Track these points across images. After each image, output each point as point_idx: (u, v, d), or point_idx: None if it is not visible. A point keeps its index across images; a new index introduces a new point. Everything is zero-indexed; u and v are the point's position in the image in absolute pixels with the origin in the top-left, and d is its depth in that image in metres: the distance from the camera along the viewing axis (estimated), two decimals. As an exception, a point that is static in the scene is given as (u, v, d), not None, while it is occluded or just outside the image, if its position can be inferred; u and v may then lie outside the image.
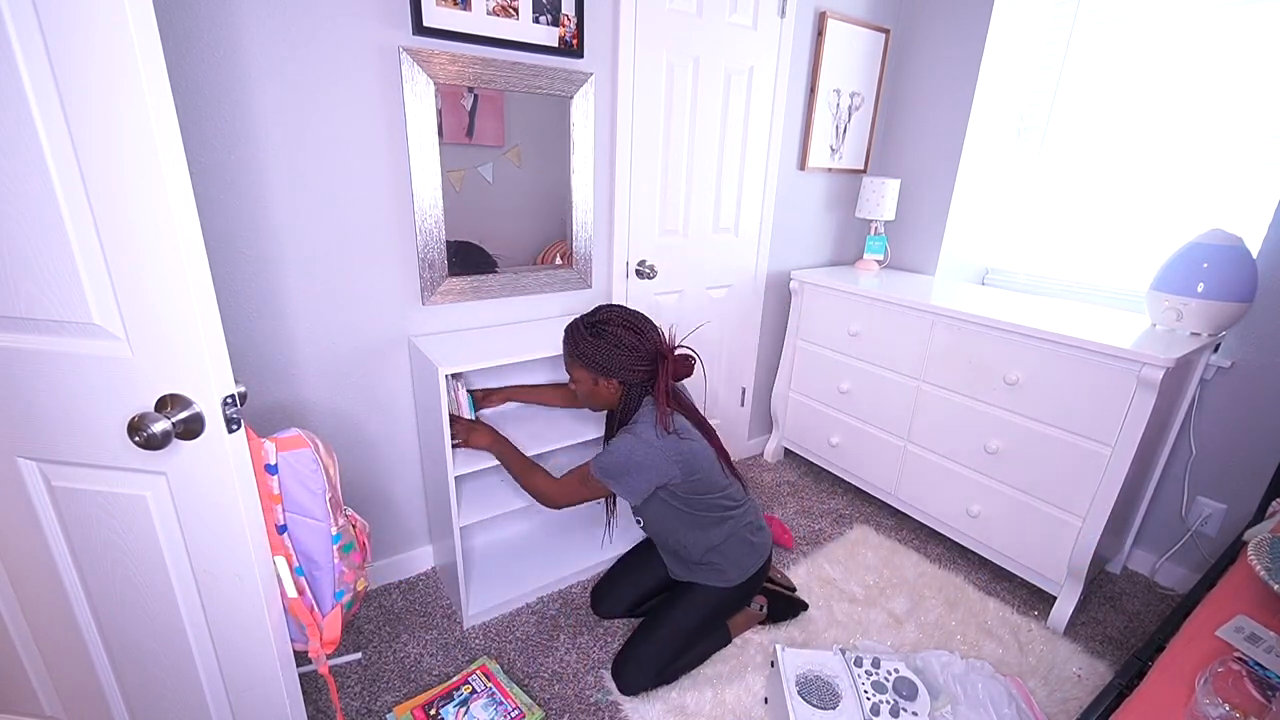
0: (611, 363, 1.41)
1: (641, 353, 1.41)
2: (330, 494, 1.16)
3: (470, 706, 1.45)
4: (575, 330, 1.45)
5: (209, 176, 1.35)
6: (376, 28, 1.45)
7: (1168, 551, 2.05)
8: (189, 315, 0.86)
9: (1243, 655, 1.02)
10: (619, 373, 1.42)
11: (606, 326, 1.42)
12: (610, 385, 1.46)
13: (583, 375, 1.47)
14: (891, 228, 2.68)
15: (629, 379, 1.43)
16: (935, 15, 2.39)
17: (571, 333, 1.45)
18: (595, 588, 1.82)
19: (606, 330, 1.41)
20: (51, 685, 1.20)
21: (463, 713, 1.44)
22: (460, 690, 1.50)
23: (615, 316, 1.43)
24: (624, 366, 1.41)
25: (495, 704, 1.46)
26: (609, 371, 1.42)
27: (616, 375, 1.42)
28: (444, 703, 1.47)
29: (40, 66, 0.75)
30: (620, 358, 1.40)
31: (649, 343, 1.42)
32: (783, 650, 1.48)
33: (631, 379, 1.43)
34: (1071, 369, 1.72)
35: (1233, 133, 1.91)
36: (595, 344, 1.41)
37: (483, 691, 1.49)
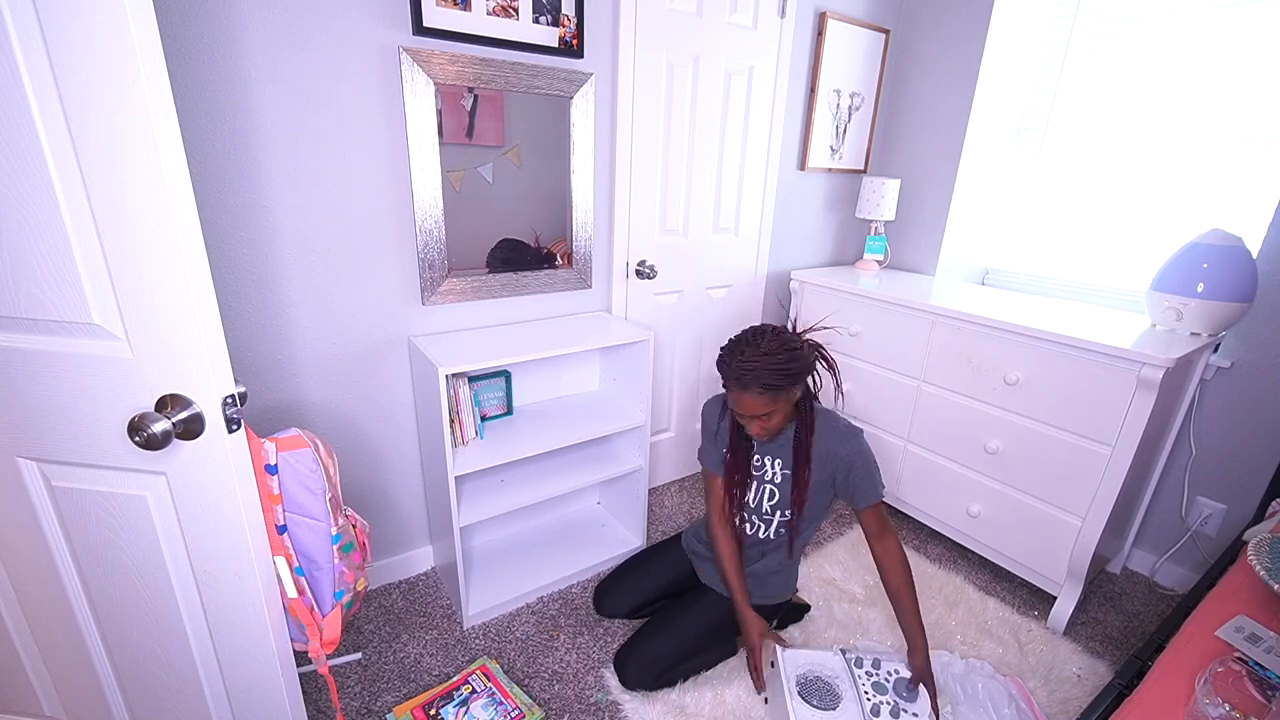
0: (798, 368, 1.32)
1: (804, 348, 1.35)
2: (330, 494, 1.16)
3: (470, 706, 1.45)
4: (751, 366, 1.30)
5: (209, 176, 1.35)
6: (376, 28, 1.46)
7: (1168, 551, 2.05)
8: (189, 315, 0.86)
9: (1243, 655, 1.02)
10: (800, 377, 1.33)
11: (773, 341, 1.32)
12: (797, 393, 1.37)
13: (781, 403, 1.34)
14: (891, 228, 2.68)
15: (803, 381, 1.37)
16: (935, 15, 2.39)
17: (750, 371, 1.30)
18: (599, 586, 1.82)
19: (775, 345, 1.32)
20: (51, 685, 1.20)
21: (462, 713, 1.44)
22: (460, 690, 1.50)
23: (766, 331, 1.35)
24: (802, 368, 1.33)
25: (495, 704, 1.46)
26: (798, 379, 1.33)
27: (800, 381, 1.34)
28: (444, 703, 1.47)
29: (40, 66, 0.75)
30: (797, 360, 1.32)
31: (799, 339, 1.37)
32: (782, 651, 1.48)
33: (811, 370, 1.38)
34: (1071, 369, 1.72)
35: (1233, 133, 1.91)
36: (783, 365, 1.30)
37: (483, 691, 1.49)
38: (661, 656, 1.54)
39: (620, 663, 1.56)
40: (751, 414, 1.35)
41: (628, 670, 1.54)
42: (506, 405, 1.92)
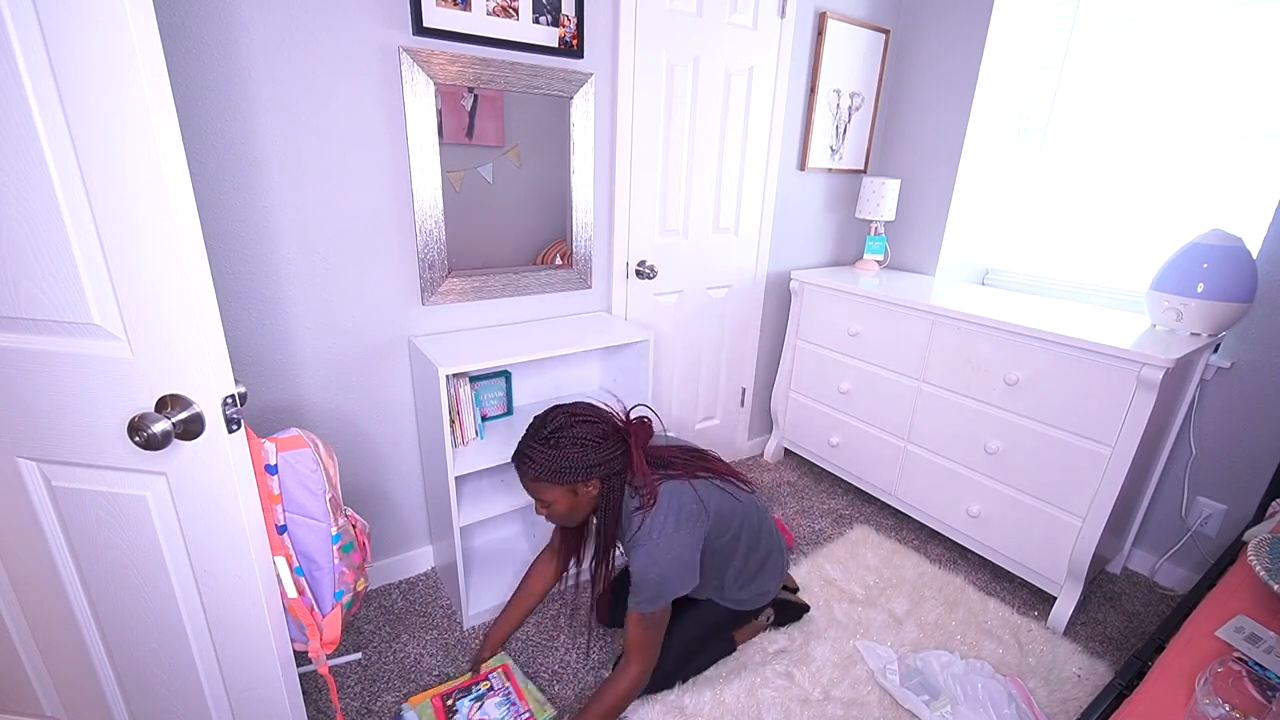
0: (583, 463, 1.26)
1: (606, 437, 1.29)
2: (330, 494, 1.16)
3: (485, 703, 1.46)
4: (528, 451, 1.28)
5: (209, 176, 1.35)
6: (377, 28, 1.46)
7: (1168, 551, 2.05)
8: (189, 315, 0.86)
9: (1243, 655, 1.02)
10: (596, 469, 1.27)
11: (559, 432, 1.27)
12: (590, 488, 1.31)
13: (557, 494, 1.29)
14: (891, 228, 2.68)
15: (609, 470, 1.29)
16: (935, 15, 2.39)
17: (526, 456, 1.28)
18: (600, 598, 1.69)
19: (561, 435, 1.27)
20: (51, 685, 1.20)
21: (477, 708, 1.45)
22: (479, 686, 1.51)
23: (560, 417, 1.29)
24: (597, 461, 1.27)
25: (509, 704, 1.47)
26: (585, 474, 1.27)
27: (595, 473, 1.27)
28: (461, 695, 1.48)
29: (40, 66, 0.75)
30: (589, 454, 1.26)
31: (606, 424, 1.30)
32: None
33: (611, 469, 1.29)
34: (1071, 369, 1.72)
35: (1233, 133, 1.91)
36: (558, 454, 1.25)
37: (500, 689, 1.50)
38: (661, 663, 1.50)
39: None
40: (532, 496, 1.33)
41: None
42: (507, 405, 1.92)
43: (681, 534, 1.32)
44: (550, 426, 1.28)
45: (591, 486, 1.30)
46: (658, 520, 1.30)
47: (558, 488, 1.28)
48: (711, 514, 1.38)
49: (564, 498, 1.30)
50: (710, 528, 1.38)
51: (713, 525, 1.39)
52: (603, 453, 1.27)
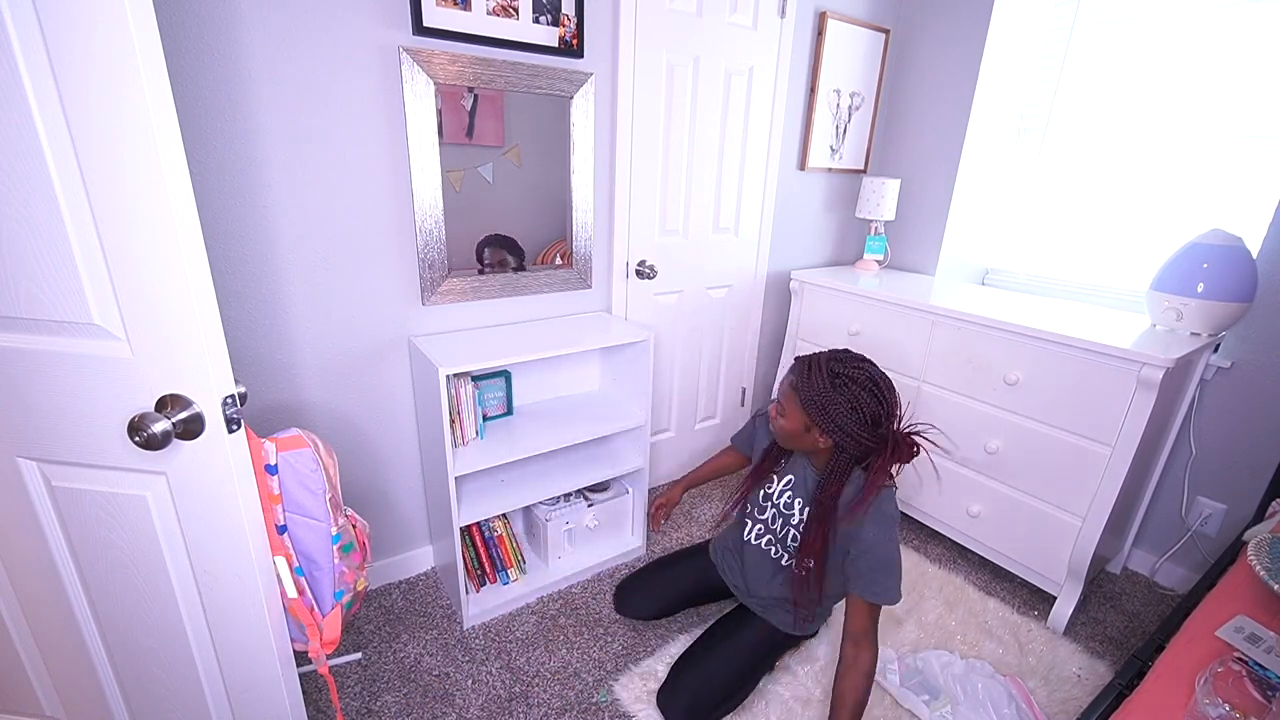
0: (837, 422, 1.23)
1: (874, 424, 1.23)
2: (330, 494, 1.16)
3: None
4: (814, 366, 1.27)
5: (209, 176, 1.35)
6: (377, 27, 1.45)
7: (1168, 551, 2.05)
8: (189, 315, 0.86)
9: (1243, 655, 1.02)
10: (839, 435, 1.24)
11: (849, 383, 1.23)
12: (822, 439, 1.29)
13: (797, 416, 1.29)
14: (891, 228, 2.68)
15: (847, 447, 1.26)
16: (935, 15, 2.39)
17: (808, 368, 1.27)
18: (622, 585, 1.78)
19: (848, 386, 1.23)
20: (51, 685, 1.20)
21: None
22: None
23: (862, 374, 1.25)
24: (849, 432, 1.23)
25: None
26: (829, 428, 1.25)
27: (835, 436, 1.25)
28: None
29: (40, 66, 0.75)
30: (850, 421, 1.23)
31: (886, 414, 1.24)
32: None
33: (850, 448, 1.26)
34: (1071, 369, 1.72)
35: (1233, 133, 1.91)
36: (829, 394, 1.23)
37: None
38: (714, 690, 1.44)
39: (667, 703, 1.44)
40: (777, 395, 1.37)
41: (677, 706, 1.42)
42: (507, 405, 1.92)
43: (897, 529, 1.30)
44: (848, 370, 1.25)
45: (823, 438, 1.29)
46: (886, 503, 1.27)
47: (800, 413, 1.29)
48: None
49: (798, 422, 1.31)
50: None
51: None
52: (857, 430, 1.24)
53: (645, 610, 1.74)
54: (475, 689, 1.57)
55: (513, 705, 1.53)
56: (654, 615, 1.76)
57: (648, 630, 1.78)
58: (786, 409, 1.33)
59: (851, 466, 1.31)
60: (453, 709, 1.51)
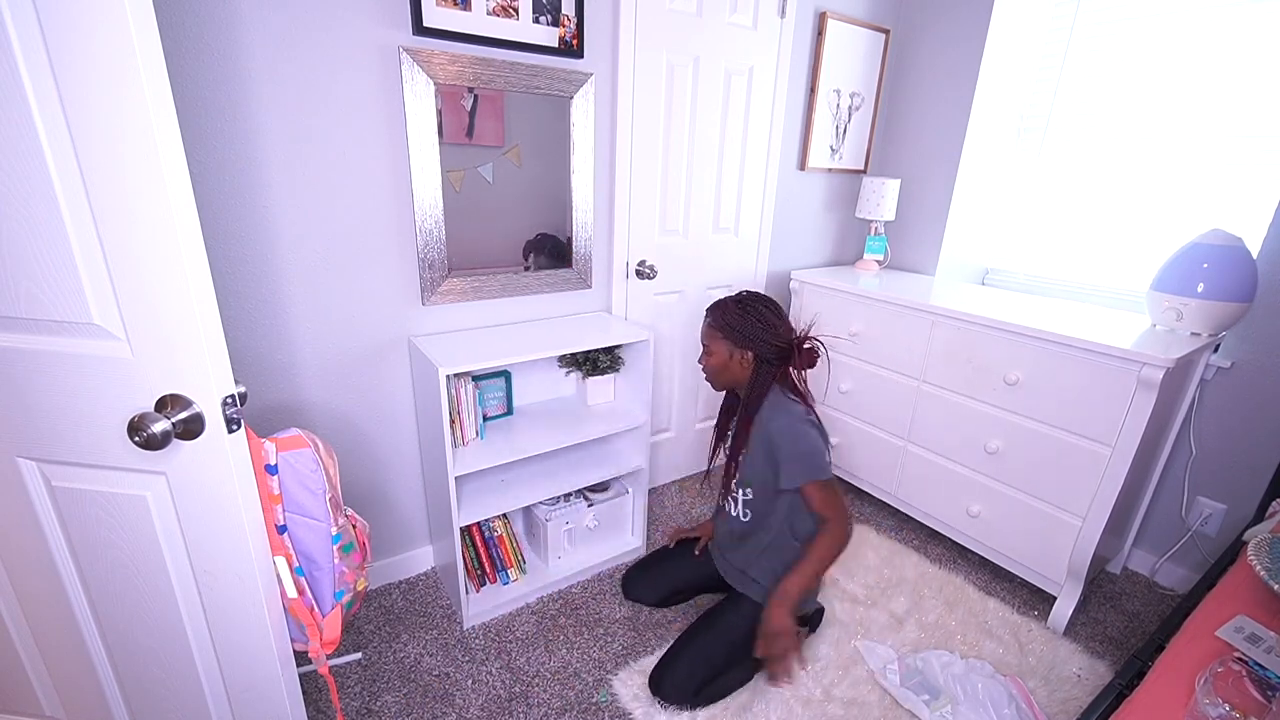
0: (752, 335, 1.49)
1: (780, 331, 1.50)
2: (330, 494, 1.16)
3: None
4: (723, 304, 1.55)
5: (209, 176, 1.35)
6: (377, 28, 1.45)
7: (1168, 551, 2.05)
8: (189, 315, 0.86)
9: (1243, 655, 1.02)
10: (757, 345, 1.49)
11: (754, 304, 1.52)
12: (744, 360, 1.53)
13: (720, 347, 1.55)
14: (891, 228, 2.68)
15: (764, 353, 1.50)
16: (935, 15, 2.39)
17: (719, 306, 1.56)
18: (629, 572, 1.86)
19: (752, 306, 1.51)
20: (51, 685, 1.20)
21: None
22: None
23: (760, 297, 1.54)
24: (763, 341, 1.49)
25: None
26: (748, 343, 1.50)
27: (754, 348, 1.50)
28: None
29: (40, 66, 0.75)
30: (761, 332, 1.49)
31: (786, 325, 1.52)
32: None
33: (766, 354, 1.50)
34: (1071, 369, 1.72)
35: (1233, 133, 1.91)
36: (741, 317, 1.50)
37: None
38: (702, 664, 1.51)
39: (658, 677, 1.52)
40: (701, 341, 1.61)
41: (667, 681, 1.50)
42: (507, 405, 1.92)
43: (816, 422, 1.50)
44: (749, 296, 1.54)
45: (746, 359, 1.52)
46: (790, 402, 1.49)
47: (724, 341, 1.53)
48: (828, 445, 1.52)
49: (722, 352, 1.55)
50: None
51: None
52: (769, 337, 1.49)
53: (648, 596, 1.81)
54: (475, 689, 1.57)
55: (513, 705, 1.53)
56: (656, 602, 1.81)
57: (648, 630, 1.78)
58: (711, 347, 1.57)
59: (770, 374, 1.51)
60: (453, 709, 1.51)
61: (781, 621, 1.39)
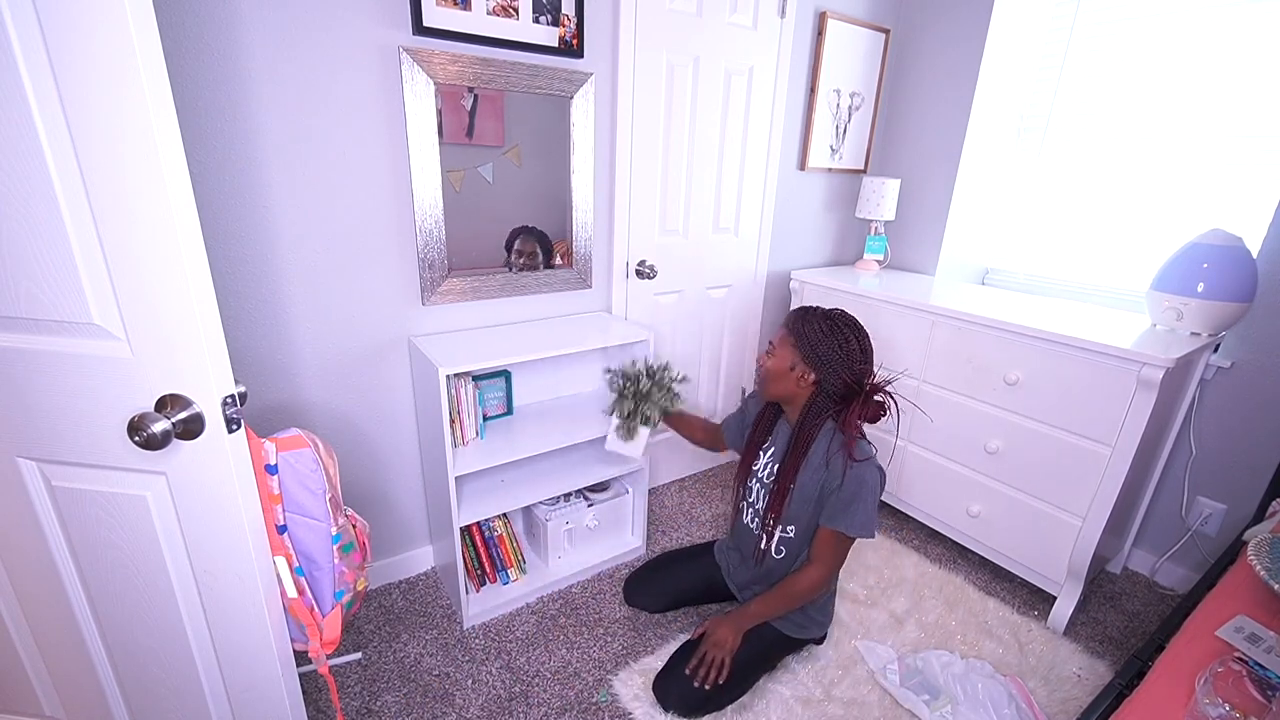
0: (826, 358, 1.37)
1: (856, 369, 1.38)
2: (330, 494, 1.16)
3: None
4: (811, 312, 1.43)
5: (209, 175, 1.35)
6: (377, 27, 1.45)
7: (1168, 551, 2.05)
8: (189, 315, 0.86)
9: (1243, 655, 1.02)
10: (825, 369, 1.38)
11: (844, 327, 1.40)
12: (804, 379, 1.41)
13: (787, 355, 1.43)
14: (891, 228, 2.68)
15: (828, 382, 1.38)
16: (935, 15, 2.39)
17: (806, 313, 1.44)
18: (631, 578, 1.82)
19: (842, 330, 1.39)
20: (51, 685, 1.20)
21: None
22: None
23: (853, 323, 1.42)
24: (834, 368, 1.37)
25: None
26: (817, 364, 1.38)
27: (820, 371, 1.38)
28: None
29: (40, 66, 0.75)
30: (837, 358, 1.37)
31: (867, 366, 1.39)
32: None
33: (831, 384, 1.38)
34: (1071, 369, 1.72)
35: (1233, 133, 1.91)
36: (823, 334, 1.38)
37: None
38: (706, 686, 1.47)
39: (664, 689, 1.48)
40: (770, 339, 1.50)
41: (671, 693, 1.47)
42: (507, 405, 1.92)
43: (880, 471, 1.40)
44: (843, 317, 1.41)
45: (808, 378, 1.40)
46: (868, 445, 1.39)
47: (792, 350, 1.42)
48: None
49: (786, 360, 1.43)
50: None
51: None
52: (841, 366, 1.37)
53: (650, 605, 1.78)
54: (475, 689, 1.57)
55: (513, 705, 1.53)
56: (659, 610, 1.79)
57: (648, 630, 1.78)
58: (777, 350, 1.45)
59: (828, 408, 1.41)
60: (453, 709, 1.51)
61: (728, 637, 1.45)
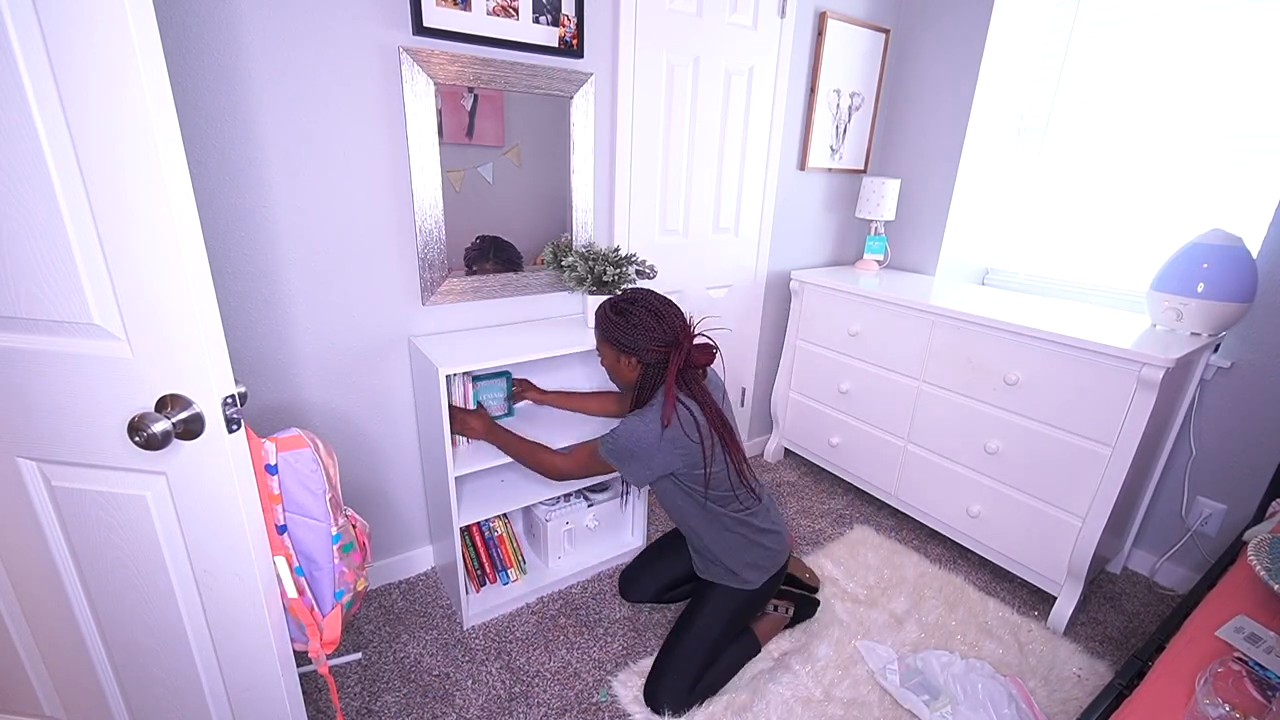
0: (629, 341, 1.45)
1: (658, 335, 1.45)
2: (330, 494, 1.16)
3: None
4: (602, 308, 1.52)
5: (209, 175, 1.35)
6: (377, 28, 1.45)
7: (1168, 551, 2.05)
8: (189, 315, 0.86)
9: (1243, 655, 1.02)
10: (636, 351, 1.46)
11: (631, 306, 1.47)
12: (630, 363, 1.49)
13: (606, 351, 1.53)
14: (891, 228, 2.68)
15: (645, 358, 1.47)
16: (935, 15, 2.39)
17: (600, 310, 1.52)
18: (624, 573, 1.85)
19: (630, 310, 1.46)
20: (51, 685, 1.20)
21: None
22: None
23: (640, 298, 1.49)
24: (640, 346, 1.45)
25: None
26: (627, 349, 1.47)
27: (634, 354, 1.47)
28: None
29: (40, 66, 0.75)
30: (637, 337, 1.45)
31: (668, 327, 1.46)
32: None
33: (648, 359, 1.46)
34: (1071, 369, 1.72)
35: (1233, 133, 1.91)
36: (617, 322, 1.47)
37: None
38: (686, 666, 1.51)
39: (651, 691, 1.52)
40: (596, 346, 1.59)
41: (661, 693, 1.50)
42: (507, 406, 1.92)
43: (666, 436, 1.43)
44: (628, 299, 1.49)
45: (630, 362, 1.49)
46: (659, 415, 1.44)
47: (606, 345, 1.51)
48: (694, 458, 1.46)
49: (609, 357, 1.53)
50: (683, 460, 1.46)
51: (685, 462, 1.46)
52: (646, 342, 1.44)
53: (644, 594, 1.81)
54: (475, 689, 1.57)
55: (513, 705, 1.53)
56: (653, 599, 1.82)
57: (648, 630, 1.78)
58: (601, 351, 1.55)
59: (659, 381, 1.48)
60: (453, 709, 1.51)
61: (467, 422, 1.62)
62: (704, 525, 1.56)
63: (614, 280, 1.79)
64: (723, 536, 1.56)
